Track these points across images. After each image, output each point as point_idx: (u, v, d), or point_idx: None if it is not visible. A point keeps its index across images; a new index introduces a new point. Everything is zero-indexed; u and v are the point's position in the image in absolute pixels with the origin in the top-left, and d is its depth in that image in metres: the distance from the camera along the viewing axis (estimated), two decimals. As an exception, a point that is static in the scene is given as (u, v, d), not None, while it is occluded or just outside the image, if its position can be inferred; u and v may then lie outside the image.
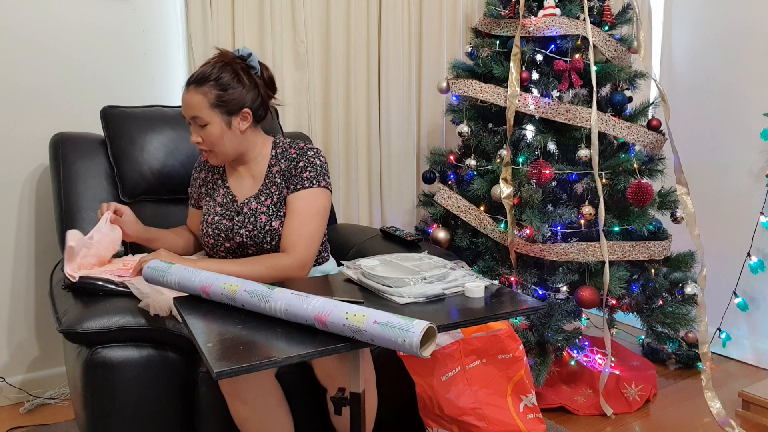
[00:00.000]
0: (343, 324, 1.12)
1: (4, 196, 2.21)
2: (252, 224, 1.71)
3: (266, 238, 1.71)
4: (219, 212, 1.77)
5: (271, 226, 1.71)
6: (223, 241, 1.75)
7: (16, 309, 2.28)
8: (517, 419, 1.83)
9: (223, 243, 1.75)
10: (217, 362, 1.04)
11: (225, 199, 1.79)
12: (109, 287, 1.64)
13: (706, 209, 2.88)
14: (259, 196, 1.74)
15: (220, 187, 1.81)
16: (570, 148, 2.35)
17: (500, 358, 1.85)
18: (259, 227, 1.71)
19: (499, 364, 1.86)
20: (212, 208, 1.79)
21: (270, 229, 1.71)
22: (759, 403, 2.22)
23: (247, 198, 1.75)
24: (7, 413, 2.21)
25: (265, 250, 1.73)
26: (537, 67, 2.44)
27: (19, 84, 2.17)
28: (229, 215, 1.76)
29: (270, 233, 1.71)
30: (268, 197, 1.73)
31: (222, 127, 1.67)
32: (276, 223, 1.71)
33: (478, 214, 2.38)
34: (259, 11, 2.44)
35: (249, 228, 1.71)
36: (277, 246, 1.72)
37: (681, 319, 2.32)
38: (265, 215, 1.71)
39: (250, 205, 1.73)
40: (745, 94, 2.75)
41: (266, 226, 1.71)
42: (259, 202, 1.73)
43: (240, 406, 1.53)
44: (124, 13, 2.31)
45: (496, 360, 1.85)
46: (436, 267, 1.47)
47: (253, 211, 1.72)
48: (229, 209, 1.77)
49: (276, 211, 1.72)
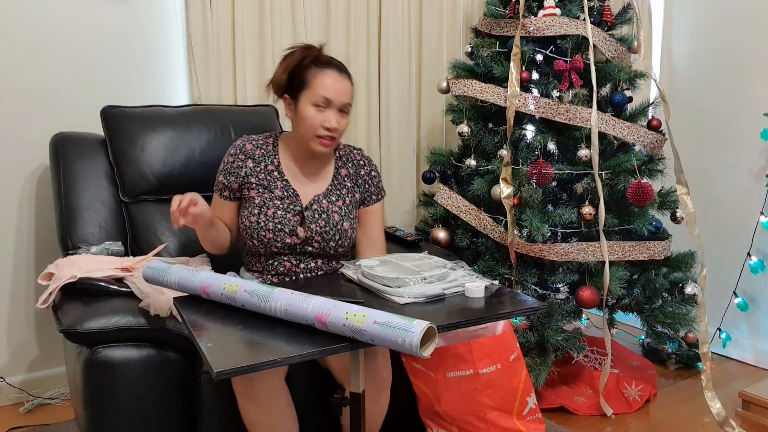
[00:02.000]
0: (343, 324, 1.12)
1: (4, 196, 2.21)
2: (325, 221, 1.73)
3: (335, 237, 1.73)
4: (281, 206, 1.72)
5: (343, 226, 1.74)
6: (285, 236, 1.70)
7: (16, 309, 2.27)
8: (517, 422, 1.83)
9: (284, 238, 1.70)
10: (217, 362, 1.04)
11: (286, 193, 1.74)
12: (109, 287, 1.64)
13: (706, 209, 2.88)
14: (329, 196, 1.77)
15: (278, 180, 1.75)
16: (570, 148, 2.35)
17: (511, 359, 1.83)
18: (332, 224, 1.73)
19: (510, 366, 1.83)
20: (270, 200, 1.72)
21: (341, 229, 1.74)
22: (759, 403, 2.22)
23: (316, 195, 1.76)
24: (7, 413, 2.21)
25: (330, 248, 1.74)
26: (537, 67, 2.44)
27: (19, 84, 2.17)
28: (295, 210, 1.73)
29: (340, 233, 1.74)
30: (339, 198, 1.77)
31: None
32: (347, 224, 1.75)
33: (478, 214, 2.38)
34: (259, 11, 2.44)
35: (321, 224, 1.72)
36: (340, 246, 1.75)
37: (681, 319, 2.32)
38: (338, 215, 1.75)
39: (321, 203, 1.75)
40: (745, 94, 2.74)
41: (338, 225, 1.74)
42: (330, 201, 1.76)
43: (251, 406, 1.53)
44: (124, 13, 2.31)
45: (508, 362, 1.83)
46: (436, 267, 1.47)
47: (324, 208, 1.74)
48: (293, 204, 1.73)
49: (347, 213, 1.77)
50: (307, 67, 1.68)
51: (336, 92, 1.67)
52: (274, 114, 2.34)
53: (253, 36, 2.45)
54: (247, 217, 1.73)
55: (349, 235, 1.76)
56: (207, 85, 2.39)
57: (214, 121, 2.16)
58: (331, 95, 1.66)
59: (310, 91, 1.66)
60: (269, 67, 2.46)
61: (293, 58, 1.71)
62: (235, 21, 2.40)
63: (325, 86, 1.66)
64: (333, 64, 1.70)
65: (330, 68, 1.68)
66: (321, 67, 1.68)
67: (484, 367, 1.78)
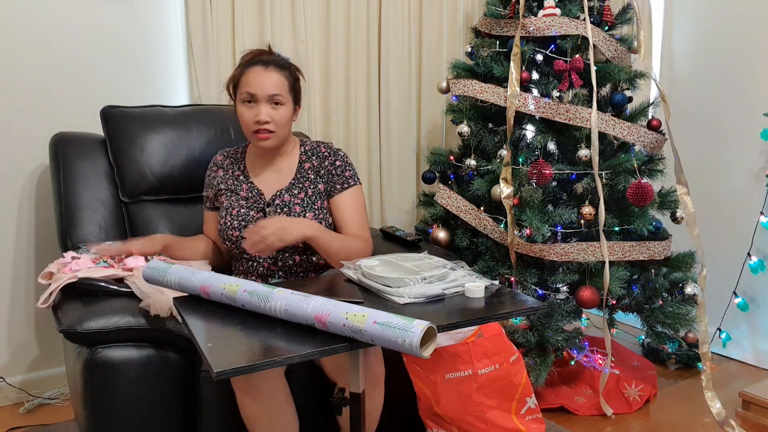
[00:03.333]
0: (343, 324, 1.12)
1: (4, 196, 2.21)
2: (286, 214, 1.75)
3: None
4: (245, 204, 1.79)
5: (305, 217, 1.75)
6: None
7: (16, 309, 2.27)
8: (517, 421, 1.83)
9: None
10: (217, 362, 1.04)
11: (250, 194, 1.81)
12: (109, 287, 1.64)
13: (706, 209, 2.88)
14: (291, 189, 1.79)
15: (243, 183, 1.83)
16: (570, 148, 2.35)
17: (511, 360, 1.83)
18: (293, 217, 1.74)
19: (509, 367, 1.84)
20: (236, 201, 1.81)
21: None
22: (759, 403, 2.22)
23: (278, 191, 1.79)
24: (7, 413, 2.21)
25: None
26: (537, 67, 2.44)
27: (19, 84, 2.17)
28: (258, 207, 1.79)
29: None
30: (301, 191, 1.79)
31: (290, 112, 1.77)
32: (310, 215, 1.77)
33: (478, 214, 2.38)
34: (259, 11, 2.44)
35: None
36: None
37: (681, 319, 2.32)
38: (299, 206, 1.77)
39: (282, 197, 1.78)
40: (745, 94, 2.74)
41: (300, 216, 1.75)
42: (292, 194, 1.78)
43: (250, 402, 1.53)
44: (124, 13, 2.31)
45: (508, 363, 1.83)
46: (436, 267, 1.47)
47: (286, 202, 1.77)
48: (257, 202, 1.79)
49: (311, 204, 1.78)
50: (240, 70, 1.76)
51: (258, 86, 1.70)
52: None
53: (253, 36, 2.45)
54: (218, 221, 1.84)
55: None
56: (207, 85, 2.39)
57: (214, 121, 2.16)
58: (254, 89, 1.70)
59: (239, 90, 1.74)
60: (269, 67, 2.46)
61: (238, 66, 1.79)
62: (235, 21, 2.40)
63: (248, 82, 1.71)
64: (259, 60, 1.74)
65: (255, 65, 1.73)
66: (247, 67, 1.74)
67: (483, 367, 1.78)
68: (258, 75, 1.71)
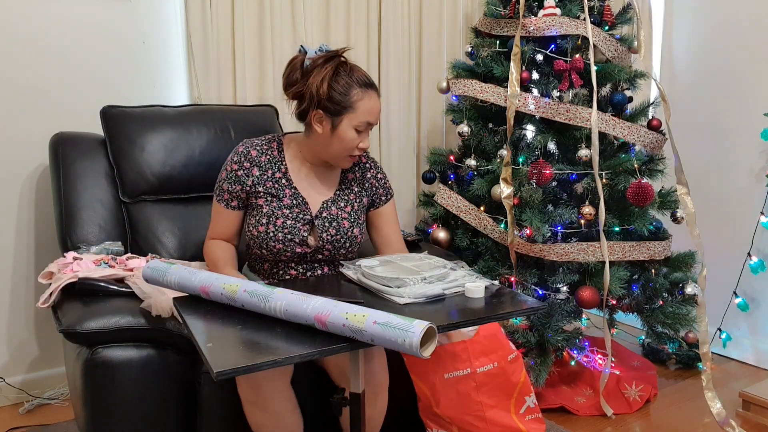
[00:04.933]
0: (343, 324, 1.12)
1: (4, 196, 2.21)
2: (335, 229, 1.69)
3: (346, 244, 1.71)
4: (290, 215, 1.67)
5: (353, 233, 1.72)
6: (295, 246, 1.66)
7: (16, 309, 2.27)
8: (516, 420, 1.83)
9: (294, 248, 1.67)
10: (217, 362, 1.04)
11: (295, 201, 1.69)
12: (109, 287, 1.64)
13: (706, 209, 2.88)
14: (338, 202, 1.73)
15: (286, 188, 1.69)
16: (570, 148, 2.35)
17: (509, 359, 1.83)
18: (342, 232, 1.70)
19: (507, 365, 1.84)
20: (278, 209, 1.67)
21: (351, 236, 1.72)
22: (759, 403, 2.21)
23: (324, 202, 1.71)
24: (7, 413, 2.21)
25: (340, 255, 1.72)
26: (537, 67, 2.44)
27: (19, 84, 2.17)
28: (305, 219, 1.68)
29: (350, 240, 1.71)
30: (347, 204, 1.74)
31: None
32: (356, 231, 1.73)
33: (478, 214, 2.38)
34: (259, 11, 2.44)
35: (332, 233, 1.69)
36: (350, 253, 1.74)
37: (681, 319, 2.32)
38: (347, 221, 1.71)
39: (330, 210, 1.70)
40: (745, 94, 2.74)
41: (348, 232, 1.71)
42: (339, 207, 1.72)
43: (259, 412, 1.52)
44: (124, 13, 2.31)
45: (506, 361, 1.83)
46: (436, 267, 1.47)
47: (334, 216, 1.70)
48: (302, 212, 1.68)
49: (356, 219, 1.74)
50: (350, 86, 1.60)
51: (377, 116, 1.64)
52: (274, 114, 2.33)
53: (253, 36, 2.45)
54: (255, 227, 1.67)
55: (358, 241, 1.75)
56: (207, 85, 2.39)
57: (214, 121, 2.16)
58: (374, 119, 1.63)
59: (353, 114, 1.60)
60: (269, 67, 2.46)
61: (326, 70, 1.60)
62: (235, 21, 2.40)
63: (369, 111, 1.61)
64: (372, 84, 1.64)
65: (371, 89, 1.62)
66: (365, 89, 1.61)
67: (481, 365, 1.78)
68: (376, 103, 1.63)
